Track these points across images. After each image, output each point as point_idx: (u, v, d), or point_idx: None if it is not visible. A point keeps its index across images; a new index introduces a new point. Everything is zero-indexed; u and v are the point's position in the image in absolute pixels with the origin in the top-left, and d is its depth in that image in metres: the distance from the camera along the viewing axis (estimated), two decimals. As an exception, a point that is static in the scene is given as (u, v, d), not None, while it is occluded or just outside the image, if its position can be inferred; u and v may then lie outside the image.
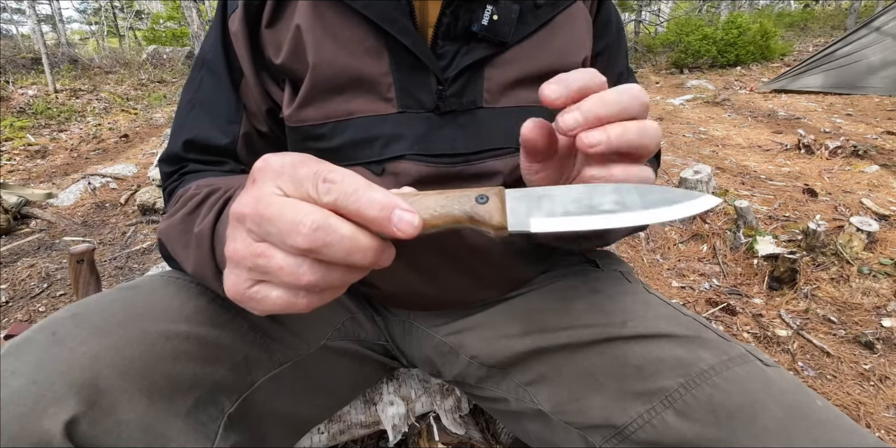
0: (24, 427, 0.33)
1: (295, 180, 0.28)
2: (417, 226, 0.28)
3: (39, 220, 2.75)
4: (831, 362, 1.35)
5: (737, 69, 7.54)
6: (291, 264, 0.28)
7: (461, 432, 0.79)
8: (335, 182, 0.28)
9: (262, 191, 0.28)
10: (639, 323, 0.53)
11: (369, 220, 0.28)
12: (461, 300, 0.65)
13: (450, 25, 0.52)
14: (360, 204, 0.27)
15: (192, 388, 0.43)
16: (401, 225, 0.28)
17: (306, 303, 0.30)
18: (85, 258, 1.16)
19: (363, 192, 0.28)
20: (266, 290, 0.29)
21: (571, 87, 0.34)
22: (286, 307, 0.29)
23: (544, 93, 0.34)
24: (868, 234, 1.78)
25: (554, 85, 0.34)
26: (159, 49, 9.18)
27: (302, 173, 0.28)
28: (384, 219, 0.27)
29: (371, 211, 0.27)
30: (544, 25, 0.56)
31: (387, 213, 0.27)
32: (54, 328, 0.41)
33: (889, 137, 3.36)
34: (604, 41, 0.63)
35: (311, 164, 0.29)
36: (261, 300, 0.29)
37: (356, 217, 0.28)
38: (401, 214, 0.28)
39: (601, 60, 0.63)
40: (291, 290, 0.29)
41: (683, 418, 0.44)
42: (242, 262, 0.29)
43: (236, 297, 0.30)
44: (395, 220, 0.28)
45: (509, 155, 0.56)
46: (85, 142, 4.63)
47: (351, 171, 0.29)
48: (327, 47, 0.52)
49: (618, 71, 0.65)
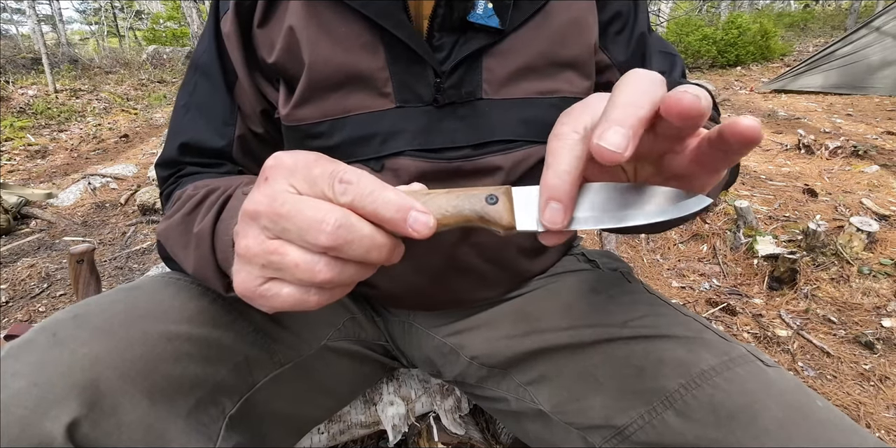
0: (26, 429, 0.33)
1: (309, 179, 0.29)
2: (432, 226, 0.29)
3: (39, 220, 2.75)
4: (831, 362, 1.35)
5: (737, 69, 7.54)
6: (308, 261, 0.28)
7: (461, 432, 0.79)
8: (351, 183, 0.28)
9: (276, 189, 0.29)
10: (639, 323, 0.53)
11: (385, 221, 0.28)
12: (461, 300, 0.65)
13: (445, 17, 0.52)
14: (376, 205, 0.28)
15: (193, 389, 0.43)
16: (416, 226, 0.28)
17: (317, 300, 0.30)
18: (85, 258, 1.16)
19: (379, 193, 0.28)
20: (277, 288, 0.30)
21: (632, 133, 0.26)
22: (297, 304, 0.30)
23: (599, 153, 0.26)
24: (868, 234, 1.78)
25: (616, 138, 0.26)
26: (159, 49, 9.17)
27: (316, 172, 0.29)
28: (400, 220, 0.28)
29: (387, 212, 0.28)
30: (539, 11, 0.55)
31: (403, 214, 0.28)
32: (55, 329, 0.40)
33: (889, 137, 3.36)
34: (613, 6, 0.59)
35: (324, 163, 0.29)
36: (271, 297, 0.30)
37: (373, 217, 0.28)
38: (416, 216, 0.28)
39: (614, 27, 0.60)
40: (303, 287, 0.29)
41: (684, 419, 0.44)
42: (255, 260, 0.29)
43: (246, 293, 0.31)
44: (410, 221, 0.28)
45: (512, 149, 0.55)
46: (85, 142, 4.63)
47: (364, 171, 0.29)
48: (323, 45, 0.52)
49: (637, 33, 0.61)
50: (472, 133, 0.54)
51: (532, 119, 0.56)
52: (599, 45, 0.60)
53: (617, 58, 0.62)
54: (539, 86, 0.56)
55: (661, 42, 0.65)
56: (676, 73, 0.64)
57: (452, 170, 0.55)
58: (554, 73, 0.56)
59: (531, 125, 0.56)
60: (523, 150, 0.55)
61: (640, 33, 0.62)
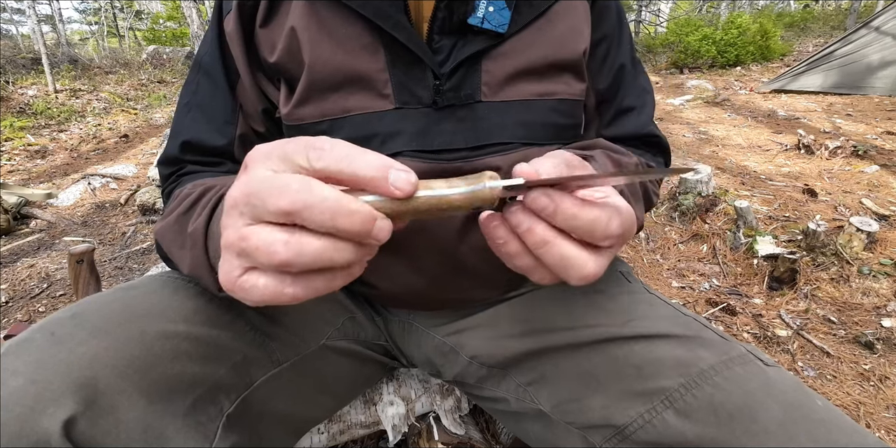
0: (24, 427, 0.33)
1: (283, 156, 0.28)
2: (415, 182, 0.28)
3: (39, 220, 2.75)
4: (831, 362, 1.35)
5: (737, 69, 7.54)
6: (267, 241, 0.27)
7: (461, 432, 0.79)
8: (324, 149, 0.28)
9: (253, 174, 0.28)
10: (639, 323, 0.53)
11: (366, 182, 0.27)
12: (461, 300, 0.65)
13: (444, 19, 0.52)
14: (354, 167, 0.27)
15: (190, 388, 0.43)
16: (398, 183, 0.27)
17: (292, 292, 0.28)
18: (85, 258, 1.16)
19: (357, 155, 0.28)
20: (254, 278, 0.28)
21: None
22: (273, 296, 0.28)
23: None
24: (868, 234, 1.78)
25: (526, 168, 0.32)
26: (159, 49, 9.17)
27: (290, 148, 0.28)
28: (381, 179, 0.27)
29: (367, 171, 0.27)
30: (542, 15, 0.55)
31: (383, 172, 0.27)
32: (53, 328, 0.41)
33: (889, 137, 3.36)
34: (602, 30, 0.61)
35: (299, 139, 0.29)
36: (249, 289, 0.29)
37: (352, 180, 0.28)
38: (397, 173, 0.27)
39: (600, 50, 0.61)
40: (278, 278, 0.28)
41: (684, 418, 0.44)
42: (231, 248, 0.29)
43: (227, 286, 0.30)
44: (392, 178, 0.27)
45: (511, 150, 0.55)
46: (85, 142, 4.63)
47: (340, 140, 0.29)
48: (323, 46, 0.52)
49: (619, 63, 0.63)
50: (471, 135, 0.54)
51: (530, 121, 0.56)
52: (586, 67, 0.60)
53: (597, 85, 0.63)
54: (538, 88, 0.56)
55: (643, 77, 0.66)
56: (646, 115, 0.65)
57: (451, 171, 0.55)
58: (553, 75, 0.57)
59: (529, 127, 0.56)
60: (521, 152, 0.56)
61: (621, 64, 0.63)
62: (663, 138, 0.67)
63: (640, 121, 0.64)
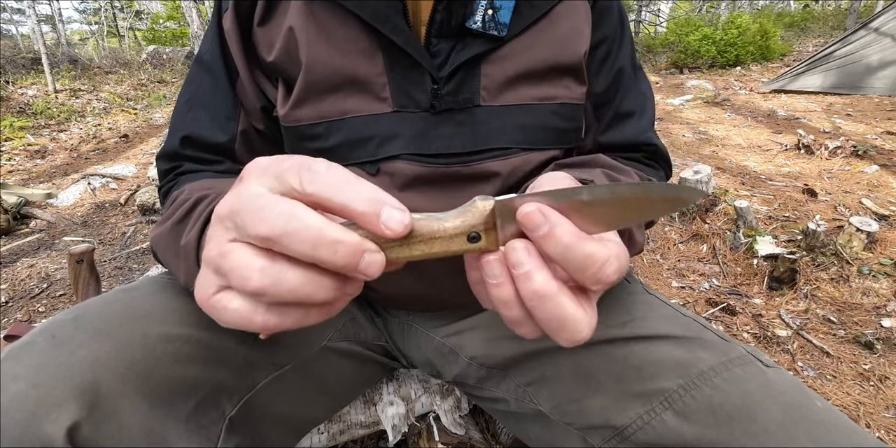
0: (26, 432, 0.33)
1: (278, 174, 0.26)
2: (408, 224, 0.26)
3: (39, 220, 2.75)
4: (831, 362, 1.35)
5: (736, 69, 7.53)
6: (244, 265, 0.25)
7: (461, 432, 0.79)
8: (319, 172, 0.26)
9: (245, 189, 0.27)
10: (638, 324, 0.53)
11: (356, 216, 0.25)
12: (461, 302, 0.65)
13: (443, 23, 0.52)
14: (346, 196, 0.25)
15: (193, 391, 0.43)
16: (390, 223, 0.25)
17: (262, 320, 0.26)
18: (85, 258, 1.16)
19: (351, 184, 0.26)
20: (227, 299, 0.27)
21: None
22: (244, 322, 0.27)
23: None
24: (868, 234, 1.78)
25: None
26: (159, 49, 9.17)
27: (286, 165, 0.27)
28: (373, 215, 0.25)
29: (358, 204, 0.25)
30: (543, 16, 0.54)
31: (376, 208, 0.25)
32: (54, 331, 0.40)
33: (889, 137, 3.36)
34: (602, 31, 0.59)
35: (297, 157, 0.27)
36: (220, 310, 0.27)
37: (341, 211, 0.26)
38: (390, 211, 0.25)
39: (599, 52, 0.60)
40: (252, 303, 0.26)
41: (683, 419, 0.44)
42: (210, 263, 0.27)
43: (200, 301, 0.28)
44: (384, 217, 0.25)
45: (510, 155, 0.55)
46: (85, 142, 4.63)
47: (339, 165, 0.27)
48: (320, 48, 0.52)
49: (619, 66, 0.61)
50: (469, 140, 0.54)
51: (530, 125, 0.55)
52: (586, 70, 0.59)
53: (594, 88, 0.61)
54: (538, 92, 0.55)
55: (644, 82, 0.65)
56: (645, 120, 0.63)
57: (449, 174, 0.54)
58: (553, 78, 0.56)
59: (529, 132, 0.55)
60: (520, 157, 0.55)
61: (620, 67, 0.61)
62: (662, 147, 0.65)
63: (639, 127, 0.63)
